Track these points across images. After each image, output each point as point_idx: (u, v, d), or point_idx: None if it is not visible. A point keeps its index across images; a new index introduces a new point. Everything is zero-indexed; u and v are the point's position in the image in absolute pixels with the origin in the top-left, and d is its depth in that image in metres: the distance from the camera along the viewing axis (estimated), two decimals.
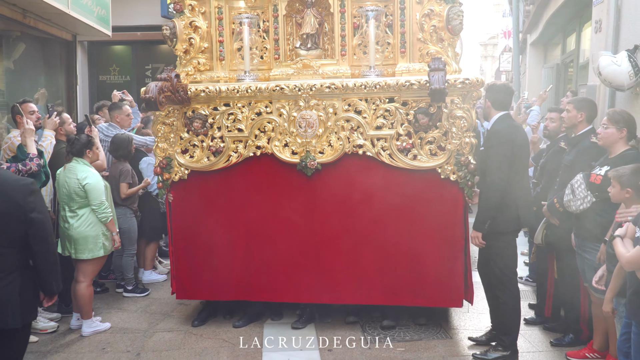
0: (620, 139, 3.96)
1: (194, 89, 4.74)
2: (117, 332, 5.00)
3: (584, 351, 4.32)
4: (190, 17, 4.91)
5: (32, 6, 5.44)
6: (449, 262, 4.72)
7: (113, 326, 5.12)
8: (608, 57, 4.76)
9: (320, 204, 4.79)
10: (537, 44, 11.24)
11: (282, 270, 4.90)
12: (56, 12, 5.62)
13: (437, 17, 4.63)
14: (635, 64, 4.58)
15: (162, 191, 4.97)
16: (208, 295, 5.16)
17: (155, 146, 4.95)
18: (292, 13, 4.94)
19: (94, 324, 5.01)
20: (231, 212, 4.90)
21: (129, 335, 4.94)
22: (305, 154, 4.72)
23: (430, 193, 4.66)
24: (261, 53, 5.01)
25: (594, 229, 3.98)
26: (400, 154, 4.63)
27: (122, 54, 9.10)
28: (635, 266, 3.09)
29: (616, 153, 3.96)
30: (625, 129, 3.94)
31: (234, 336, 4.85)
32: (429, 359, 4.41)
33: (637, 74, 4.58)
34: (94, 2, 6.47)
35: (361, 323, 5.06)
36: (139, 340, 4.83)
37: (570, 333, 4.62)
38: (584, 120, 4.50)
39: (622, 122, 3.95)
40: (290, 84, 4.65)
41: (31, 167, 4.47)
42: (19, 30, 5.86)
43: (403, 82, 4.53)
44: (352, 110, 4.68)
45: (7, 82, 5.77)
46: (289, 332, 4.90)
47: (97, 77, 9.07)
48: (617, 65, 4.64)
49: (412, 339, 4.74)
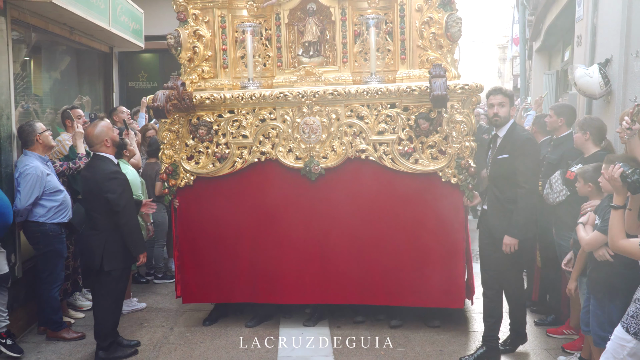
0: (586, 141, 4.39)
1: (198, 96, 4.82)
2: (152, 311, 5.66)
3: (561, 328, 4.87)
4: (194, 26, 5.00)
5: (79, 24, 6.02)
6: (451, 263, 4.82)
7: (148, 306, 5.75)
8: (582, 69, 5.27)
9: (324, 208, 4.88)
10: (542, 51, 11.48)
11: (287, 273, 4.98)
12: (98, 29, 6.21)
13: (436, 25, 4.74)
14: (605, 76, 5.10)
15: (168, 197, 5.04)
16: (215, 299, 5.24)
17: (161, 153, 5.02)
18: (294, 21, 5.04)
19: (132, 303, 5.65)
20: (236, 216, 4.97)
21: (162, 314, 5.57)
22: (309, 159, 4.81)
23: (431, 196, 4.77)
24: (264, 60, 5.10)
25: (568, 220, 4.35)
26: (402, 158, 4.74)
27: (150, 61, 9.70)
28: (593, 247, 3.58)
29: (589, 154, 4.38)
30: (588, 132, 4.37)
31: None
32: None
33: (607, 84, 5.09)
34: (130, 18, 7.06)
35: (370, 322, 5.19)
36: (172, 318, 5.45)
37: (552, 314, 5.14)
38: (564, 124, 4.96)
39: (586, 126, 4.40)
40: (293, 91, 4.74)
41: (80, 165, 5.12)
42: (65, 45, 6.48)
43: (404, 88, 4.64)
44: (355, 116, 4.78)
45: (55, 90, 6.37)
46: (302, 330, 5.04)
47: (127, 83, 9.61)
48: (589, 77, 5.17)
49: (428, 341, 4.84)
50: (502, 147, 4.29)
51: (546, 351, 4.63)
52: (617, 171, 3.04)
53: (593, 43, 5.90)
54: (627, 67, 4.92)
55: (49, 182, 4.80)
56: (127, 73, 9.69)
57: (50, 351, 4.74)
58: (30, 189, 4.67)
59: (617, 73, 5.04)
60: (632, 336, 3.03)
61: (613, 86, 5.09)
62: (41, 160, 4.83)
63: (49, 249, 4.82)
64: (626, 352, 3.05)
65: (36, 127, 4.81)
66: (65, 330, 4.98)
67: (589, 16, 6.03)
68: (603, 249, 3.51)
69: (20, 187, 4.71)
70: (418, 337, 4.87)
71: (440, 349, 4.66)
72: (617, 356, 3.09)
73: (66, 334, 4.95)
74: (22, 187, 4.69)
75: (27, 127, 4.81)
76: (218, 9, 4.99)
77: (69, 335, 4.95)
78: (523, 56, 12.55)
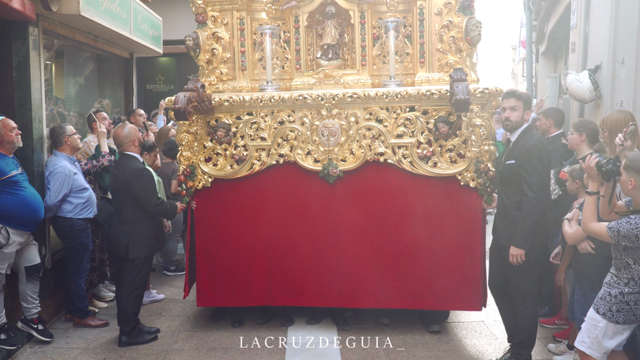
0: (581, 142, 4.54)
1: (217, 98, 4.80)
2: (169, 302, 5.98)
3: (554, 319, 5.12)
4: (213, 28, 4.99)
5: (103, 33, 6.31)
6: (468, 266, 4.81)
7: (166, 298, 6.08)
8: (573, 75, 5.59)
9: (342, 211, 4.85)
10: (547, 55, 11.64)
11: (303, 275, 4.94)
12: (120, 37, 6.49)
13: (455, 28, 4.76)
14: (595, 81, 5.41)
15: (186, 199, 5.04)
16: (229, 302, 5.13)
17: (180, 154, 5.00)
18: (313, 24, 5.05)
19: (152, 294, 5.97)
20: (254, 219, 4.93)
21: (180, 304, 5.87)
22: (328, 161, 4.81)
23: (450, 199, 4.77)
24: (282, 63, 5.10)
25: (559, 217, 4.38)
26: (421, 161, 4.74)
27: (167, 65, 9.93)
28: (576, 241, 3.91)
29: (582, 155, 4.47)
30: (584, 133, 4.52)
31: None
32: None
33: (597, 89, 5.40)
34: (149, 26, 7.33)
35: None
36: (188, 308, 5.72)
37: (546, 306, 5.32)
38: (553, 125, 5.32)
39: (582, 128, 4.55)
40: (313, 94, 4.74)
41: (103, 162, 5.51)
42: (89, 52, 6.81)
43: (424, 92, 4.64)
44: (374, 119, 4.78)
45: (80, 94, 6.74)
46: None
47: (144, 86, 9.88)
48: (579, 82, 5.49)
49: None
50: (511, 152, 4.21)
51: (538, 340, 4.66)
52: (594, 161, 3.47)
53: (585, 50, 6.23)
54: (615, 73, 5.23)
55: (76, 181, 5.16)
56: (144, 76, 9.99)
57: (77, 336, 5.10)
58: (59, 186, 5.03)
59: (605, 79, 5.33)
60: (601, 316, 3.42)
61: (602, 91, 5.38)
62: (69, 160, 5.19)
63: (76, 242, 5.19)
64: (597, 331, 3.43)
65: (66, 129, 5.20)
66: (91, 317, 5.34)
67: (581, 24, 6.36)
68: (585, 242, 3.85)
69: (50, 184, 5.06)
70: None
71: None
72: (590, 335, 3.47)
73: (91, 321, 5.31)
74: (52, 185, 5.04)
75: (57, 129, 5.20)
76: (237, 11, 4.99)
77: (94, 322, 5.31)
78: (529, 59, 12.63)
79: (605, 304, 3.42)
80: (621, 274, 3.40)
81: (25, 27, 5.03)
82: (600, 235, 3.42)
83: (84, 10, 5.27)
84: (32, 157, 5.09)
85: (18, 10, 4.67)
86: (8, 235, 4.51)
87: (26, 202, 4.62)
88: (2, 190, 4.53)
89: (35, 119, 5.15)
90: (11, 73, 5.02)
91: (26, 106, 5.06)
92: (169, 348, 4.84)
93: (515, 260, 4.07)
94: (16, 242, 4.58)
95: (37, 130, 5.19)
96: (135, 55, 8.09)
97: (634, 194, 3.33)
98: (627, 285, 3.37)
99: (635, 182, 3.28)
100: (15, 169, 4.63)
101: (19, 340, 4.76)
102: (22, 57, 5.04)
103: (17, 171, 4.64)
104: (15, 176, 4.60)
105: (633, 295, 3.35)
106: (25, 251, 4.75)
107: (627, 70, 5.08)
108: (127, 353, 4.75)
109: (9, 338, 4.67)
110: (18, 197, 4.58)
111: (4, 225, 4.49)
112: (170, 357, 4.68)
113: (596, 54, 5.75)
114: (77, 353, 4.76)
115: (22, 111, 5.05)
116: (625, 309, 3.36)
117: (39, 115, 5.22)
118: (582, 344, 3.52)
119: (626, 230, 3.24)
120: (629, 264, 3.35)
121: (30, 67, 5.06)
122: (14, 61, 5.02)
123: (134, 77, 8.22)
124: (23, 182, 4.66)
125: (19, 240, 4.61)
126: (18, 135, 4.62)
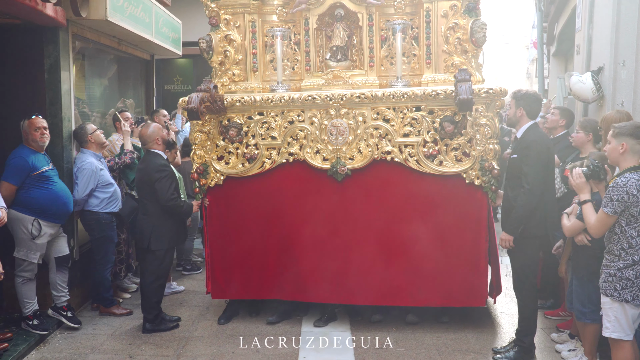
0: (588, 142, 4.73)
1: (229, 98, 4.98)
2: (189, 294, 6.27)
3: (557, 311, 5.31)
4: (226, 30, 5.17)
5: (126, 36, 6.61)
6: (473, 263, 4.92)
7: (186, 289, 6.37)
8: (576, 77, 5.74)
9: (350, 208, 5.00)
10: (557, 56, 11.68)
11: (312, 271, 5.09)
12: (143, 40, 6.77)
13: (461, 30, 4.86)
14: (598, 82, 5.59)
15: (199, 196, 5.21)
16: (242, 295, 5.35)
17: (193, 153, 5.19)
18: (322, 26, 5.19)
19: (172, 286, 6.26)
20: (264, 215, 5.10)
21: (199, 295, 6.16)
22: (336, 160, 4.95)
23: (455, 197, 4.87)
24: (292, 64, 5.25)
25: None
26: (427, 160, 4.85)
27: (184, 66, 10.24)
28: (573, 233, 4.08)
29: (586, 153, 4.65)
30: (591, 133, 4.71)
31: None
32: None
33: (599, 90, 5.58)
34: (170, 29, 7.63)
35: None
36: (207, 299, 5.90)
37: (551, 299, 5.54)
38: (564, 125, 5.52)
39: (589, 128, 4.73)
40: (321, 94, 4.88)
41: (125, 160, 5.80)
42: (113, 54, 7.11)
43: (430, 92, 4.76)
44: (381, 119, 4.90)
45: (104, 95, 7.07)
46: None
47: (163, 87, 10.21)
48: (582, 83, 5.66)
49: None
50: (515, 148, 4.54)
51: (542, 330, 4.94)
52: (578, 173, 3.82)
53: (589, 52, 6.43)
54: (616, 75, 5.40)
55: (102, 177, 5.46)
56: (163, 77, 10.31)
57: (103, 324, 5.41)
58: (86, 182, 5.34)
59: (608, 80, 5.50)
60: (609, 298, 3.58)
61: (605, 92, 5.52)
62: (95, 157, 5.50)
63: (101, 235, 5.49)
64: (613, 313, 3.58)
65: (87, 128, 5.49)
66: (116, 306, 5.65)
67: (585, 27, 6.57)
68: (582, 235, 4.00)
69: (78, 180, 5.38)
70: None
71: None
72: (610, 319, 3.61)
73: (116, 310, 5.62)
74: (80, 181, 5.36)
75: (79, 130, 5.50)
76: (249, 14, 5.15)
77: (119, 311, 5.61)
78: (541, 60, 12.66)
79: (609, 285, 3.56)
80: (612, 249, 3.58)
81: (57, 32, 5.33)
82: (603, 221, 3.58)
83: (111, 15, 5.56)
84: (62, 154, 5.42)
85: (51, 16, 4.98)
86: (40, 227, 4.83)
87: (56, 196, 4.95)
88: (34, 184, 4.85)
89: (65, 118, 5.46)
90: (43, 75, 5.34)
91: (56, 106, 5.37)
92: (189, 335, 5.12)
93: (505, 244, 4.44)
94: (47, 234, 4.91)
95: (67, 128, 5.50)
96: (155, 57, 8.37)
97: (623, 159, 3.56)
98: (620, 257, 3.53)
99: (627, 145, 3.51)
100: (46, 165, 4.95)
101: (50, 326, 5.08)
102: (53, 60, 5.35)
103: (48, 167, 4.97)
104: (47, 171, 4.92)
105: (631, 269, 3.48)
106: (55, 242, 5.07)
107: (627, 71, 5.19)
108: (151, 339, 5.04)
109: (41, 324, 4.97)
110: (49, 191, 4.91)
111: (36, 218, 4.82)
112: (191, 342, 4.96)
113: (599, 56, 5.91)
114: (104, 339, 5.06)
115: (52, 111, 5.36)
116: (629, 286, 3.49)
117: (68, 115, 5.54)
118: (606, 330, 3.64)
119: (617, 195, 3.46)
120: (616, 233, 3.54)
121: (60, 69, 5.37)
122: (46, 64, 5.34)
123: (154, 78, 8.52)
124: (54, 177, 5.00)
125: (49, 232, 4.94)
126: (43, 134, 4.88)
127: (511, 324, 5.15)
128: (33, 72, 5.33)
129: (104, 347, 4.88)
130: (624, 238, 3.52)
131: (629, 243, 3.50)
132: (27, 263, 4.85)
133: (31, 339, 4.81)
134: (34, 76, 5.33)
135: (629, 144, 3.51)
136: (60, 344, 4.92)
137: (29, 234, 4.79)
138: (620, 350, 3.60)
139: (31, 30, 5.25)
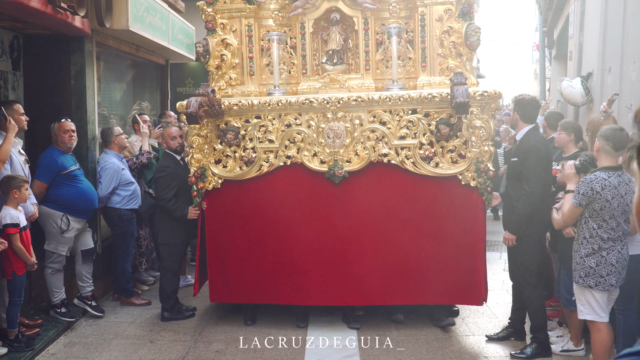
0: (570, 142, 4.90)
1: (227, 102, 5.02)
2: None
3: (550, 301, 5.36)
4: (222, 34, 5.21)
5: (144, 43, 7.02)
6: (470, 263, 4.95)
7: None
8: (567, 82, 5.96)
9: (347, 210, 5.05)
10: (558, 59, 11.76)
11: (310, 274, 5.12)
12: (159, 46, 7.15)
13: (456, 34, 4.89)
14: (587, 87, 5.94)
15: (197, 199, 5.23)
16: (240, 299, 5.39)
17: (190, 157, 5.22)
18: (318, 30, 5.23)
19: (187, 279, 6.60)
20: (262, 218, 5.15)
21: None
22: (333, 162, 4.99)
23: (451, 198, 4.91)
24: (289, 68, 5.30)
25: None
26: (423, 162, 4.90)
27: (196, 69, 10.51)
28: (561, 226, 4.30)
29: (569, 153, 4.86)
30: (572, 133, 4.89)
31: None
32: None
33: (588, 94, 5.92)
34: (184, 35, 8.00)
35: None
36: None
37: (545, 290, 5.43)
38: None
39: (570, 129, 4.92)
40: (319, 97, 4.93)
41: (142, 160, 6.15)
42: (131, 60, 7.59)
43: (426, 95, 4.80)
44: (377, 122, 4.95)
45: (122, 98, 7.56)
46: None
47: (175, 89, 10.53)
48: (572, 88, 6.02)
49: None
50: (515, 150, 4.66)
51: None
52: (570, 165, 4.14)
53: (580, 58, 6.71)
54: (603, 80, 5.55)
55: (124, 176, 5.82)
56: (175, 80, 10.61)
57: (124, 313, 5.82)
58: (109, 180, 5.71)
59: (596, 85, 5.68)
60: (577, 285, 3.91)
61: (593, 96, 5.69)
62: (117, 157, 5.88)
63: (123, 230, 5.88)
64: (584, 297, 3.89)
65: (114, 130, 5.90)
66: (135, 297, 6.05)
67: (577, 35, 6.82)
68: (569, 227, 4.25)
69: (101, 179, 5.75)
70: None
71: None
72: (582, 303, 3.92)
73: (136, 300, 6.02)
74: (103, 179, 5.73)
75: (107, 130, 5.93)
76: (245, 18, 5.19)
77: (139, 301, 6.01)
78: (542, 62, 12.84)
79: (576, 272, 3.92)
80: (578, 238, 3.93)
81: (82, 42, 5.74)
82: (571, 211, 3.94)
83: (132, 25, 5.89)
84: (86, 154, 5.83)
85: (78, 27, 5.35)
86: (68, 222, 5.26)
87: (83, 193, 5.37)
88: (63, 183, 5.28)
89: (89, 121, 5.86)
90: (69, 81, 5.76)
91: (82, 110, 5.78)
92: (205, 323, 5.48)
93: (508, 243, 4.65)
94: (75, 228, 5.34)
95: (91, 131, 5.91)
96: (170, 61, 8.76)
97: (599, 158, 3.92)
98: (582, 245, 3.89)
99: (599, 145, 3.85)
100: (74, 165, 5.37)
101: (76, 314, 5.52)
102: (79, 67, 5.76)
103: (76, 167, 5.38)
104: (74, 171, 5.34)
105: (592, 258, 3.83)
106: (81, 236, 5.50)
107: (612, 77, 5.23)
108: (169, 326, 5.42)
109: (68, 311, 5.41)
110: (77, 189, 5.33)
111: (65, 214, 5.24)
112: (207, 329, 5.33)
113: (589, 62, 6.13)
114: (125, 326, 5.46)
115: (78, 114, 5.76)
116: (591, 273, 3.82)
117: (92, 118, 5.93)
118: (581, 313, 3.95)
119: (583, 190, 3.80)
120: (582, 224, 3.88)
121: (85, 76, 5.77)
122: (72, 71, 5.76)
123: (169, 81, 8.89)
124: (80, 176, 5.41)
125: (77, 227, 5.36)
126: (71, 136, 5.27)
127: (505, 314, 5.36)
128: (60, 79, 5.74)
129: (127, 333, 5.27)
130: (587, 228, 3.87)
131: (590, 233, 3.85)
132: (57, 255, 5.27)
133: (60, 325, 5.24)
134: (61, 82, 5.74)
135: (601, 144, 3.83)
136: (86, 330, 5.34)
137: (58, 228, 5.21)
138: (597, 332, 3.88)
139: (59, 40, 5.66)
